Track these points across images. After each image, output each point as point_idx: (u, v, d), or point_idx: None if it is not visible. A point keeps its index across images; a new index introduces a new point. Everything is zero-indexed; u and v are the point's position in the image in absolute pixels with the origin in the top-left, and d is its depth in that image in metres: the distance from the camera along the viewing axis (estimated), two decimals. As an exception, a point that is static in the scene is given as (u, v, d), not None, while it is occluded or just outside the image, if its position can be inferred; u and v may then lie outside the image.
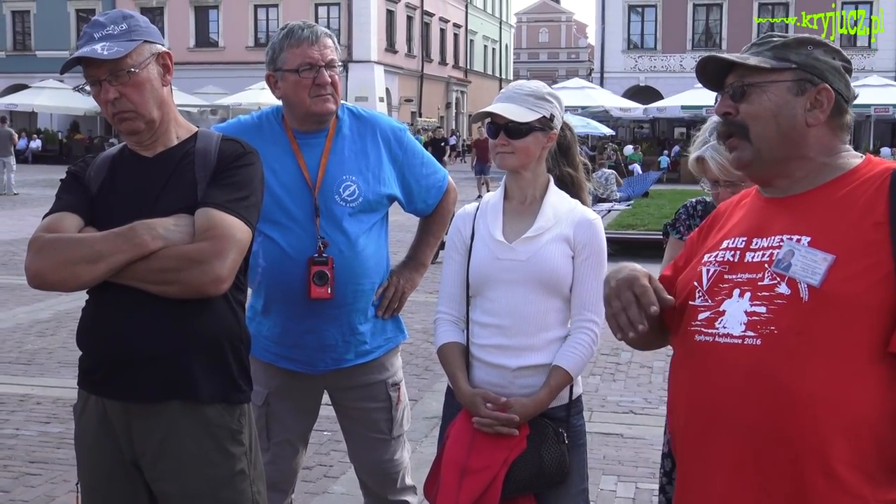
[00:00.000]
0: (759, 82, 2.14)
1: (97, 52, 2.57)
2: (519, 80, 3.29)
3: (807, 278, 1.99)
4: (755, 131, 2.14)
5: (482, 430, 2.95)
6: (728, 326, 2.08)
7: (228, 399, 2.69)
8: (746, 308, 2.06)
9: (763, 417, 1.99)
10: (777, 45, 2.17)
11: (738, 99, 2.16)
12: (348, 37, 43.51)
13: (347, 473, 5.16)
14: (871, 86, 32.97)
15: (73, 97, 40.29)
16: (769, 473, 2.00)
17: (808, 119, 2.12)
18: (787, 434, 1.97)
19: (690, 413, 2.16)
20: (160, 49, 2.71)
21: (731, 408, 2.04)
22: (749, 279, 2.09)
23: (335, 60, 3.33)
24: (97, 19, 2.68)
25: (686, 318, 2.21)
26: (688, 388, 2.16)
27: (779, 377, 1.98)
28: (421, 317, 9.09)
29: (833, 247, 2.00)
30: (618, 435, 6.10)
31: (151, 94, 2.65)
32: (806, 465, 1.96)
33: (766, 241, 2.11)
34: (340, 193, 3.35)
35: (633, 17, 46.07)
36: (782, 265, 2.04)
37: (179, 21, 45.23)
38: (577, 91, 35.93)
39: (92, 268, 2.53)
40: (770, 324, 2.01)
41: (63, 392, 6.87)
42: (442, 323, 3.15)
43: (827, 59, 2.15)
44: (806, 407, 1.96)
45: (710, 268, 2.19)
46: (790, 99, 2.12)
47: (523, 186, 3.08)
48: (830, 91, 2.12)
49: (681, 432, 2.21)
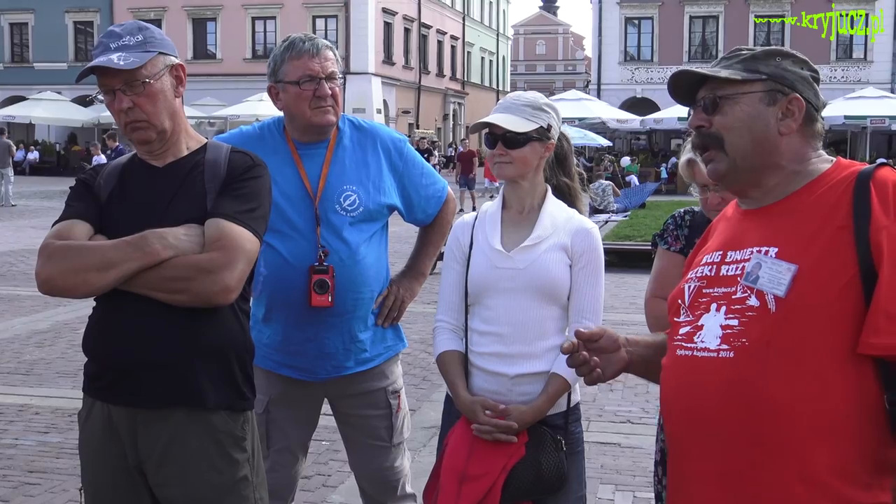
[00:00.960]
0: (731, 94, 2.17)
1: (113, 62, 2.61)
2: (516, 91, 3.31)
3: (773, 290, 2.02)
4: (730, 141, 2.17)
5: (481, 437, 2.98)
6: (706, 341, 2.11)
7: (233, 406, 2.72)
8: (722, 322, 2.09)
9: (742, 428, 2.02)
10: (746, 57, 2.21)
11: (710, 111, 2.19)
12: (346, 49, 43.57)
13: (346, 483, 5.18)
14: (868, 97, 33.07)
15: (70, 109, 40.36)
16: (753, 483, 2.02)
17: (780, 128, 2.15)
18: (767, 443, 2.00)
19: (675, 426, 2.19)
20: (174, 61, 2.75)
21: (712, 420, 2.06)
22: (724, 293, 2.12)
23: (336, 73, 3.37)
24: (113, 30, 2.72)
25: (671, 333, 2.25)
26: (672, 402, 2.20)
27: (753, 388, 2.01)
28: (419, 327, 9.11)
29: (798, 256, 2.03)
30: (615, 444, 6.12)
31: (164, 104, 2.69)
32: (787, 472, 1.99)
33: (739, 253, 2.14)
34: (341, 203, 3.38)
35: (629, 30, 46.17)
36: (751, 278, 2.08)
37: (177, 33, 45.18)
38: (574, 103, 35.96)
39: (103, 275, 2.55)
40: (742, 336, 2.05)
41: (62, 402, 6.88)
42: (441, 331, 3.17)
43: (795, 69, 2.19)
44: (782, 415, 1.98)
45: (692, 283, 2.23)
46: (762, 109, 2.16)
47: (521, 196, 3.11)
48: (801, 100, 2.16)
49: (669, 442, 2.25)
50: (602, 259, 3.08)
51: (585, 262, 3.04)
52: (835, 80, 41.41)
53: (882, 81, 40.48)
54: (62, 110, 40.21)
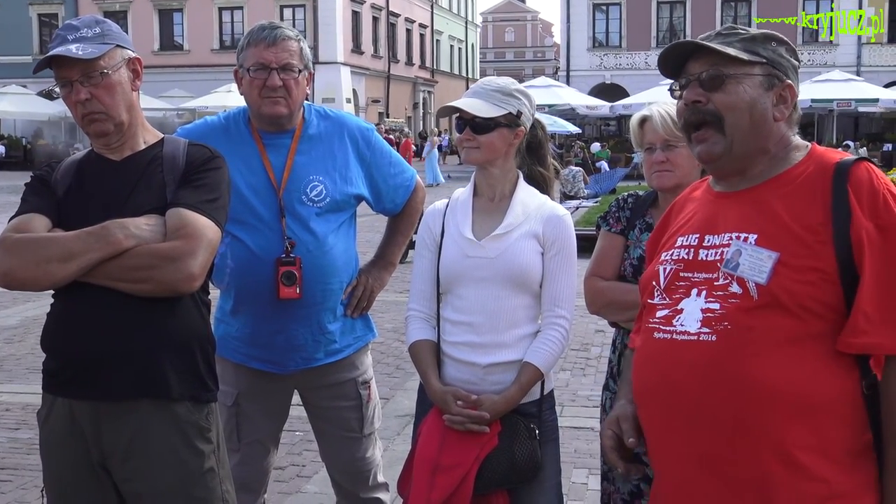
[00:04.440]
0: (735, 73, 2.14)
1: (71, 52, 2.60)
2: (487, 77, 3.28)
3: (754, 277, 2.03)
4: (730, 122, 2.14)
5: (453, 427, 2.96)
6: (685, 324, 2.11)
7: (197, 398, 2.71)
8: (702, 306, 2.09)
9: (722, 410, 2.03)
10: (745, 37, 2.18)
11: (710, 88, 2.15)
12: (314, 38, 43.35)
13: (320, 473, 5.16)
14: (834, 80, 33.35)
15: (36, 103, 39.84)
16: (732, 463, 2.03)
17: (775, 113, 2.15)
18: (747, 425, 2.01)
19: (654, 409, 2.19)
20: (131, 55, 2.76)
21: (692, 402, 2.07)
22: (705, 279, 2.12)
23: (293, 64, 3.30)
24: (71, 23, 2.72)
25: (645, 315, 2.24)
26: (650, 384, 2.19)
27: (735, 371, 2.01)
28: (391, 316, 9.09)
29: (778, 244, 2.04)
30: (589, 429, 6.13)
31: (122, 96, 2.69)
32: (766, 453, 2.00)
33: (718, 238, 2.14)
34: (307, 194, 3.35)
35: (598, 16, 46.26)
36: (731, 265, 2.08)
37: (143, 24, 44.84)
38: (543, 89, 35.95)
39: (64, 266, 2.53)
40: (724, 320, 2.05)
41: (32, 398, 6.79)
42: (413, 320, 3.16)
43: (788, 57, 2.20)
44: (763, 398, 1.99)
45: (667, 266, 2.22)
46: (762, 93, 2.15)
47: (492, 183, 3.09)
48: (794, 88, 2.17)
49: (647, 427, 2.24)
50: (574, 246, 3.06)
51: (557, 249, 3.02)
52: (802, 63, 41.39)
53: (848, 65, 40.77)
54: (28, 104, 39.70)
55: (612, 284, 3.25)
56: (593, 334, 8.81)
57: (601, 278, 3.28)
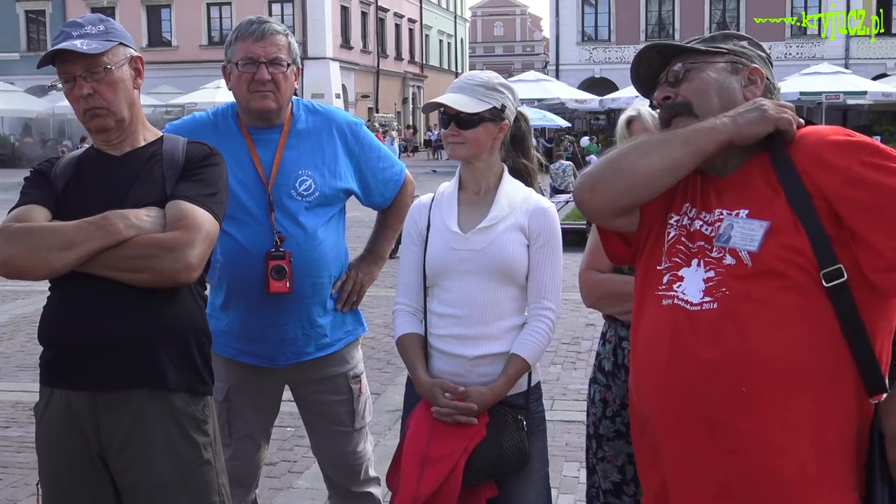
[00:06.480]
0: (697, 62, 2.26)
1: (76, 46, 2.63)
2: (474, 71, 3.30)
3: (746, 246, 2.10)
4: (698, 105, 2.23)
5: (441, 419, 2.98)
6: (687, 293, 2.17)
7: (193, 389, 2.73)
8: (703, 276, 2.16)
9: (726, 376, 2.08)
10: (704, 39, 2.33)
11: (675, 83, 2.26)
12: (303, 34, 43.30)
13: (311, 468, 5.18)
14: (822, 73, 33.41)
15: (25, 99, 39.70)
16: (735, 429, 2.09)
17: (745, 93, 2.24)
18: (750, 392, 2.06)
19: (661, 374, 2.21)
20: (133, 53, 2.81)
21: (699, 368, 2.11)
22: (700, 247, 2.19)
23: (282, 59, 3.32)
24: (75, 20, 2.76)
25: (652, 282, 2.28)
26: (657, 349, 2.21)
27: (736, 338, 2.07)
28: (382, 311, 9.10)
29: (767, 214, 2.11)
30: (579, 422, 6.12)
31: (124, 93, 2.73)
32: (769, 420, 2.05)
33: (710, 215, 2.21)
34: (296, 188, 3.37)
35: (586, 10, 46.24)
36: (723, 238, 2.15)
37: (131, 21, 44.57)
38: (533, 84, 36.01)
39: (63, 255, 2.55)
40: (722, 286, 2.11)
41: (22, 396, 6.81)
42: (400, 314, 3.17)
43: (752, 48, 2.31)
44: (764, 365, 2.05)
45: (672, 231, 2.28)
46: (727, 76, 2.25)
47: (477, 177, 3.10)
48: (762, 71, 2.27)
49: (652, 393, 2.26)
50: (560, 238, 3.08)
51: (543, 241, 3.04)
52: (790, 56, 41.77)
53: (836, 57, 40.83)
54: (16, 101, 39.54)
55: (610, 276, 3.27)
56: (584, 328, 8.84)
57: (597, 271, 3.31)
